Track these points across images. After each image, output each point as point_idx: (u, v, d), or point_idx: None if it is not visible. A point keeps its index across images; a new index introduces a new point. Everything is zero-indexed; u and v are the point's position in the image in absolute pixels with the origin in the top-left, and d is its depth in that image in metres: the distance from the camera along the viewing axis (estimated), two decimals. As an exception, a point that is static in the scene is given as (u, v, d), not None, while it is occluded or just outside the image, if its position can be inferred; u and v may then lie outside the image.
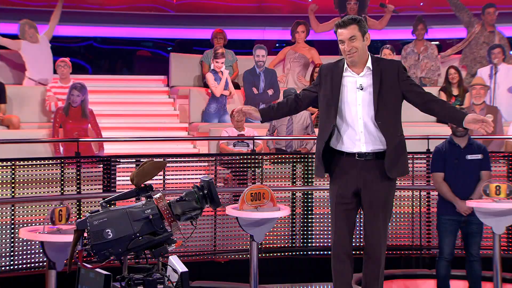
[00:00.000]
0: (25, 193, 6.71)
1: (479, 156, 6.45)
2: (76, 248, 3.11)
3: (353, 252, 5.09)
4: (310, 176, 7.42)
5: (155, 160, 3.35)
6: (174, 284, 3.17)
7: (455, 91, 9.55)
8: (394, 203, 5.13)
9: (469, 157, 6.44)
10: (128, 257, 3.22)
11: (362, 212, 5.08)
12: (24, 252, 6.61)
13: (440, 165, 6.47)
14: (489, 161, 6.53)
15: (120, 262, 3.17)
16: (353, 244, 5.14)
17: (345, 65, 5.03)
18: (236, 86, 10.04)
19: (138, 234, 3.09)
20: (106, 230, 3.04)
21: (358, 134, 4.94)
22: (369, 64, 4.99)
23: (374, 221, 4.97)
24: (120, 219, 3.07)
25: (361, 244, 7.18)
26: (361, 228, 5.90)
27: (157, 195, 3.18)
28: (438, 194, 6.56)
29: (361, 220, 5.20)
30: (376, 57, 5.10)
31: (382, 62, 5.06)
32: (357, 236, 7.11)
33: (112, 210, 3.08)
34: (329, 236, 7.36)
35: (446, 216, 6.42)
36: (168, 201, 3.19)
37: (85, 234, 3.10)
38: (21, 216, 6.67)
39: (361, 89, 4.95)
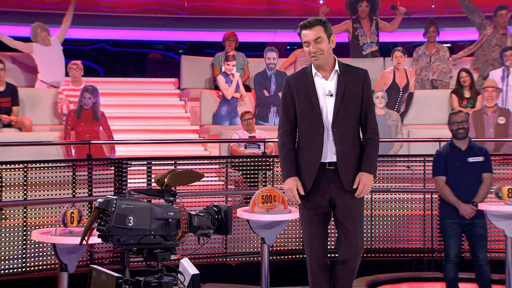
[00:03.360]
0: (37, 195, 6.73)
1: (480, 159, 6.41)
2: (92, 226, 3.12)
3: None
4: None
5: (194, 170, 3.38)
6: (186, 286, 3.18)
7: (466, 94, 9.52)
8: (363, 210, 4.94)
9: (471, 159, 6.41)
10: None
11: (334, 221, 4.94)
12: (36, 254, 6.63)
13: (441, 168, 6.43)
14: (491, 163, 6.49)
15: (122, 265, 3.17)
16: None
17: (314, 70, 4.85)
18: (247, 89, 10.05)
19: (152, 232, 3.10)
20: (129, 217, 3.05)
21: (330, 142, 4.79)
22: (336, 67, 4.83)
23: (347, 230, 4.84)
24: (143, 212, 3.08)
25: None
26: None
27: (180, 202, 3.20)
28: (440, 197, 6.53)
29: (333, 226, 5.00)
30: (343, 62, 4.93)
31: (349, 68, 4.89)
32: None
33: (138, 200, 3.10)
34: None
35: (450, 219, 6.39)
36: (189, 212, 3.21)
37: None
38: (33, 218, 6.70)
39: (331, 95, 4.80)
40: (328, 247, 4.99)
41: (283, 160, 4.88)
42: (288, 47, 12.43)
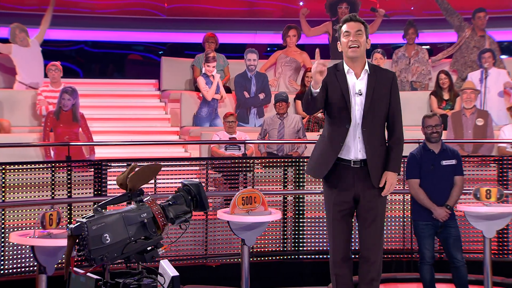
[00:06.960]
0: (16, 197, 6.68)
1: (453, 162, 6.44)
2: (72, 255, 3.08)
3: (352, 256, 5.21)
4: (301, 180, 7.42)
5: (150, 163, 3.34)
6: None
7: (445, 96, 9.58)
8: (386, 208, 5.21)
9: (444, 162, 6.44)
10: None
11: (356, 217, 5.15)
12: (15, 257, 6.58)
13: (416, 171, 6.45)
14: (462, 166, 6.53)
15: (103, 267, 3.15)
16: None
17: (346, 67, 4.99)
18: (228, 90, 10.05)
19: (132, 239, 3.08)
20: (104, 235, 3.02)
21: (356, 140, 4.96)
22: (366, 67, 4.99)
23: (371, 226, 5.06)
24: (116, 224, 3.06)
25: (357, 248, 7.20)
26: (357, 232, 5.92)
27: (149, 199, 3.18)
28: (412, 199, 6.55)
29: (356, 224, 5.25)
30: (373, 64, 5.13)
31: (378, 69, 5.10)
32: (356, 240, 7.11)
33: (108, 215, 3.06)
34: (321, 240, 7.40)
35: (423, 221, 6.42)
36: (161, 205, 3.18)
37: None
38: (11, 221, 6.65)
39: (360, 95, 4.95)
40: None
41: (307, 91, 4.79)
42: (268, 49, 12.45)
